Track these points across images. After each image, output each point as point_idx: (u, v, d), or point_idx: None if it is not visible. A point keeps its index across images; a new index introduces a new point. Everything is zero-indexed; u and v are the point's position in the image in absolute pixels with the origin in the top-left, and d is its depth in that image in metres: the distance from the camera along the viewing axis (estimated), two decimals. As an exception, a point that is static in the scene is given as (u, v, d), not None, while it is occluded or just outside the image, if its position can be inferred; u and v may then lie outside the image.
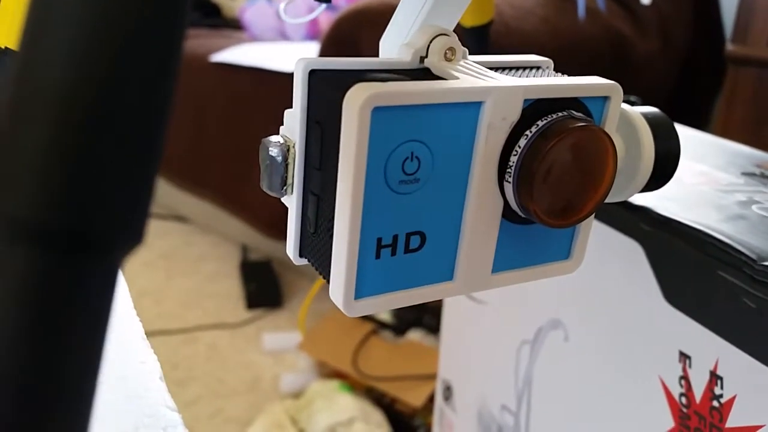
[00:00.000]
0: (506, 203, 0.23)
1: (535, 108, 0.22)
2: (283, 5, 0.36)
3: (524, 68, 0.26)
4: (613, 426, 0.38)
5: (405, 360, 0.95)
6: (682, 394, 0.33)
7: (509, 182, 0.22)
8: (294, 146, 0.23)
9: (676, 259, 0.33)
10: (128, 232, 0.11)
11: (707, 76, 1.37)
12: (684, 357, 0.32)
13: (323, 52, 0.91)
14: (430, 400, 0.86)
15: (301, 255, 0.25)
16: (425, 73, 0.24)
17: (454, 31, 0.25)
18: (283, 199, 0.25)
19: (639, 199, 0.35)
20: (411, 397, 0.88)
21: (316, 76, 0.22)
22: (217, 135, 1.29)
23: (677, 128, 0.29)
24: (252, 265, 1.33)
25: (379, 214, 0.21)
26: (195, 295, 1.25)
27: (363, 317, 1.02)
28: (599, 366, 0.38)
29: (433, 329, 1.00)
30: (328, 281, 0.23)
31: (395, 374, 0.92)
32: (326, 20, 1.44)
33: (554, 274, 0.27)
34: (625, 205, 0.35)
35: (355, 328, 1.01)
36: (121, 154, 0.11)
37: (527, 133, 0.22)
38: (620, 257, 0.36)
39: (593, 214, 0.25)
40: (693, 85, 1.40)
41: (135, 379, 0.27)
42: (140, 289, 1.25)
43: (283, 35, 1.53)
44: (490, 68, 0.25)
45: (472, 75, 0.23)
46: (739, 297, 0.29)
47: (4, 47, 0.24)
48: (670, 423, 0.33)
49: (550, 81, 0.23)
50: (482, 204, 0.23)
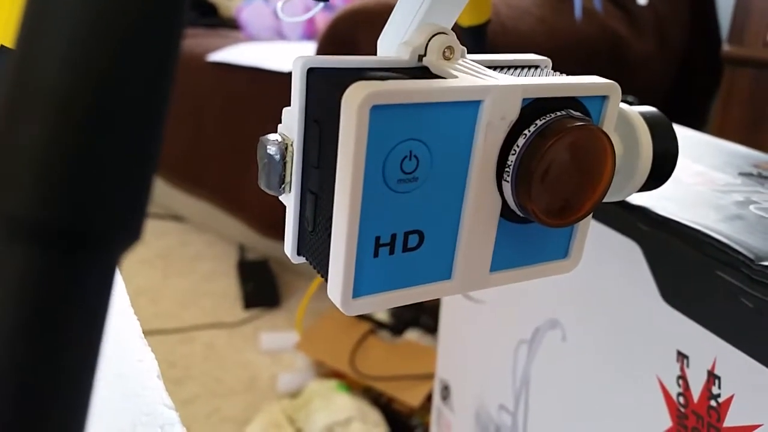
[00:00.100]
0: (504, 202, 0.23)
1: (534, 107, 0.22)
2: (280, 4, 0.36)
3: (522, 67, 0.26)
4: (611, 425, 0.38)
5: (402, 360, 0.95)
6: (679, 394, 0.33)
7: (507, 181, 0.22)
8: (292, 144, 0.23)
9: (673, 259, 0.33)
10: (126, 229, 0.11)
11: (704, 77, 1.38)
12: (682, 356, 0.32)
13: (320, 51, 0.91)
14: (428, 399, 0.86)
15: (299, 253, 0.25)
16: (424, 72, 0.24)
17: (451, 30, 0.25)
18: (281, 198, 0.25)
19: (637, 198, 0.35)
20: (408, 397, 0.88)
21: (314, 74, 0.22)
22: (214, 135, 1.29)
23: (674, 128, 0.29)
24: (249, 265, 1.33)
25: (378, 212, 0.21)
26: (192, 295, 1.25)
27: (360, 317, 1.02)
28: (597, 366, 0.38)
29: (430, 329, 1.00)
30: (326, 280, 0.23)
31: (393, 374, 0.92)
32: (323, 20, 1.44)
33: (552, 274, 0.27)
34: (623, 204, 0.35)
35: (353, 327, 1.01)
36: (118, 151, 0.11)
37: (526, 132, 0.22)
38: (618, 257, 0.36)
39: (591, 214, 0.25)
40: (690, 85, 1.40)
41: (132, 378, 0.27)
42: (137, 288, 1.25)
43: (280, 35, 1.53)
44: (489, 67, 0.25)
45: (470, 74, 0.23)
46: (737, 297, 0.29)
47: (0, 45, 0.24)
48: (667, 422, 0.33)
49: (549, 80, 0.23)
50: (480, 203, 0.23)
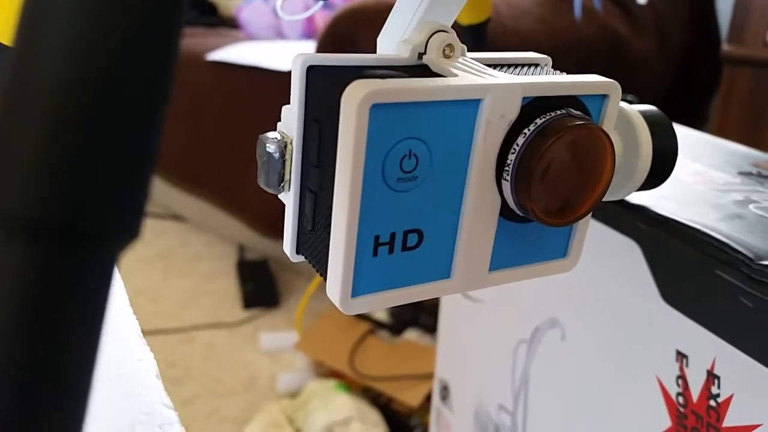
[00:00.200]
0: (504, 201, 0.23)
1: (534, 106, 0.22)
2: (279, 3, 0.36)
3: (522, 65, 0.26)
4: (610, 425, 0.38)
5: (402, 359, 0.95)
6: (679, 394, 0.33)
7: (507, 180, 0.22)
8: (291, 143, 0.23)
9: (673, 258, 0.33)
10: (124, 228, 0.11)
11: (704, 76, 1.38)
12: (681, 356, 0.32)
13: (320, 50, 0.91)
14: (427, 399, 0.86)
15: (298, 252, 0.25)
16: (424, 70, 0.24)
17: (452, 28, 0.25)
18: (281, 196, 0.25)
19: (636, 197, 0.35)
20: (408, 397, 0.88)
21: (314, 72, 0.22)
22: (214, 134, 1.28)
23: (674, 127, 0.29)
24: (249, 265, 1.33)
25: (377, 211, 0.21)
26: (192, 295, 1.25)
27: (360, 316, 1.02)
28: (596, 365, 0.38)
29: (429, 329, 1.00)
30: (325, 279, 0.23)
31: (392, 374, 0.92)
32: (323, 18, 1.43)
33: (551, 273, 0.27)
34: (623, 203, 0.35)
35: (352, 327, 1.01)
36: (117, 150, 0.11)
37: (525, 131, 0.22)
38: (617, 256, 0.36)
39: (591, 213, 0.25)
40: (689, 84, 1.40)
41: (131, 377, 0.27)
42: (137, 288, 1.25)
43: (279, 34, 1.53)
44: (489, 65, 0.25)
45: (470, 72, 0.23)
46: (737, 296, 0.29)
47: None
48: (667, 422, 0.33)
49: (549, 79, 0.23)
50: (480, 202, 0.23)
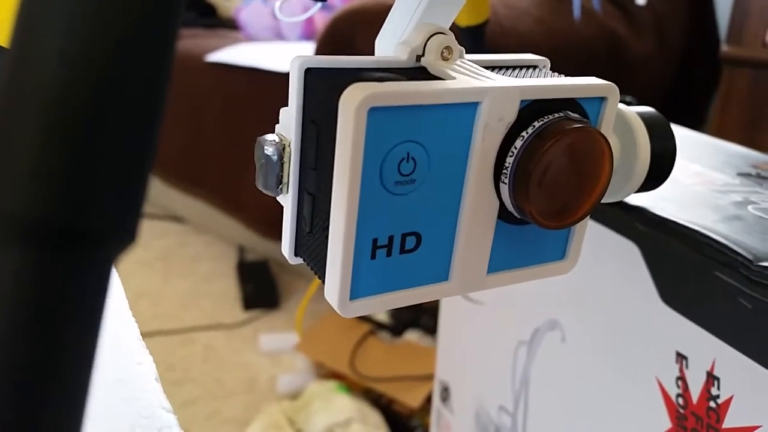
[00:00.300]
0: (502, 204, 0.23)
1: (532, 109, 0.22)
2: (278, 4, 0.36)
3: (521, 67, 0.26)
4: (610, 427, 0.38)
5: (402, 361, 0.95)
6: (678, 395, 0.32)
7: (505, 183, 0.22)
8: (289, 145, 0.23)
9: (672, 260, 0.32)
10: (121, 230, 0.11)
11: (703, 76, 1.38)
12: (681, 357, 0.32)
13: (319, 51, 0.91)
14: (428, 400, 0.86)
15: (296, 254, 0.25)
16: (422, 73, 0.24)
17: (450, 30, 0.25)
18: (279, 198, 0.25)
19: (635, 199, 0.35)
20: (408, 398, 0.88)
21: (312, 75, 0.22)
22: (213, 135, 1.28)
23: (673, 128, 0.29)
24: (249, 266, 1.32)
25: (375, 214, 0.21)
26: (191, 296, 1.25)
27: (360, 318, 1.02)
28: (596, 367, 0.38)
29: (430, 330, 1.00)
30: (323, 281, 0.23)
31: (393, 375, 0.92)
32: (322, 20, 1.44)
33: (549, 275, 0.27)
34: (621, 205, 0.35)
35: (353, 328, 1.01)
36: (114, 152, 0.11)
37: (523, 134, 0.22)
38: (616, 258, 0.36)
39: (589, 215, 0.25)
40: (689, 85, 1.40)
41: (131, 381, 0.27)
42: (137, 290, 1.25)
43: (278, 35, 1.53)
44: (487, 67, 0.25)
45: (468, 75, 0.23)
46: (736, 297, 0.29)
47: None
48: (667, 424, 0.33)
49: (547, 81, 0.23)
50: (478, 205, 0.23)
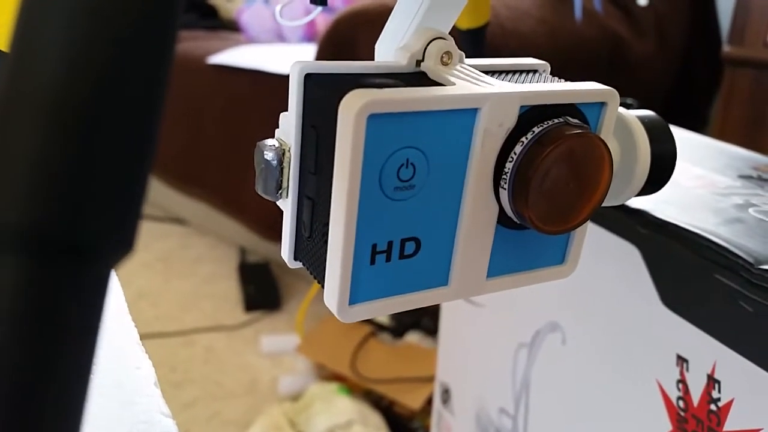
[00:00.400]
0: (501, 209, 0.23)
1: (532, 114, 0.22)
2: (279, 7, 0.36)
3: (521, 72, 0.26)
4: (611, 429, 0.37)
5: (403, 362, 0.95)
6: (679, 398, 0.32)
7: (505, 189, 0.22)
8: (289, 150, 0.23)
9: (673, 263, 0.32)
10: (118, 240, 0.11)
11: (704, 77, 1.38)
12: (681, 360, 0.32)
13: (320, 54, 0.91)
14: (429, 402, 0.86)
15: (295, 258, 0.25)
16: (421, 78, 0.24)
17: (450, 33, 0.25)
18: (279, 203, 0.25)
19: (636, 202, 0.35)
20: (409, 400, 0.88)
21: (312, 80, 0.22)
22: (215, 137, 1.29)
23: (674, 130, 0.29)
24: (250, 267, 1.33)
25: (374, 220, 0.21)
26: (193, 298, 1.25)
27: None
28: (597, 369, 0.38)
29: (431, 331, 1.00)
30: (322, 285, 0.23)
31: (393, 376, 0.91)
32: (323, 22, 1.44)
33: (549, 279, 0.27)
34: (622, 208, 0.35)
35: (354, 330, 1.01)
36: (111, 162, 0.11)
37: (523, 139, 0.22)
38: (617, 260, 0.36)
39: (588, 220, 0.25)
40: (690, 85, 1.40)
41: (130, 386, 0.27)
42: (138, 291, 1.25)
43: (280, 37, 1.53)
44: (487, 72, 0.25)
45: (468, 80, 0.23)
46: (737, 300, 0.29)
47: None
48: (667, 426, 0.33)
49: (547, 87, 0.23)
50: (477, 210, 0.23)
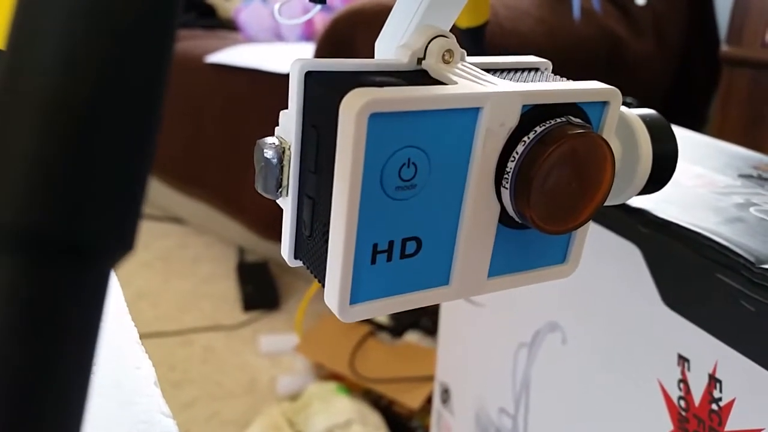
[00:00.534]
0: (503, 208, 0.23)
1: (534, 113, 0.22)
2: (278, 6, 0.36)
3: (522, 70, 0.26)
4: (612, 429, 0.37)
5: (402, 362, 0.95)
6: (680, 398, 0.32)
7: (506, 188, 0.22)
8: (289, 148, 0.23)
9: (674, 262, 0.32)
10: (118, 240, 0.11)
11: (702, 76, 1.38)
12: (683, 360, 0.32)
13: (319, 52, 0.91)
14: (428, 401, 0.86)
15: (295, 257, 0.25)
16: (423, 76, 0.24)
17: (450, 32, 0.25)
18: (279, 201, 0.25)
19: (636, 201, 0.35)
20: (408, 399, 0.87)
21: (312, 78, 0.22)
22: (214, 136, 1.28)
23: (674, 130, 0.29)
24: (249, 267, 1.32)
25: (375, 220, 0.21)
26: (191, 297, 1.24)
27: (360, 319, 1.02)
28: (597, 369, 0.38)
29: (430, 331, 1.00)
30: (323, 285, 0.23)
31: (393, 376, 0.91)
32: (321, 21, 1.43)
33: (550, 279, 0.26)
34: (623, 207, 0.35)
35: (353, 330, 1.01)
36: (110, 161, 0.10)
37: (525, 139, 0.22)
38: (618, 260, 0.36)
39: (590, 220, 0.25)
40: (689, 84, 1.40)
41: (130, 385, 0.27)
42: (137, 291, 1.25)
43: (278, 36, 1.53)
44: (488, 70, 0.25)
45: (470, 79, 0.22)
46: (738, 300, 0.29)
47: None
48: (668, 426, 0.33)
49: (549, 86, 0.23)
50: (479, 209, 0.23)
